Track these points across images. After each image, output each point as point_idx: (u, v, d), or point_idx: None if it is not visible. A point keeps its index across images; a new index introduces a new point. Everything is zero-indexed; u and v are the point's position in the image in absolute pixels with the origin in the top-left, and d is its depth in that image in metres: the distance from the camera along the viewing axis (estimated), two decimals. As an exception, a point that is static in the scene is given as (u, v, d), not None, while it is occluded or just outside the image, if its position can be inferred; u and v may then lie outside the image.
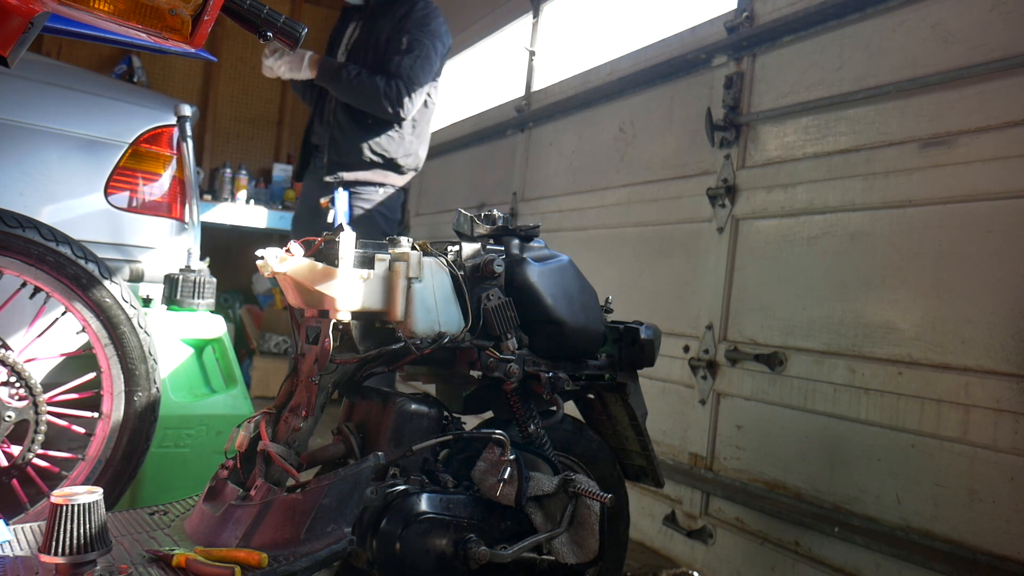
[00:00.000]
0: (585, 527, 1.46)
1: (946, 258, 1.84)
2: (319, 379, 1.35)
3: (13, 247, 1.67)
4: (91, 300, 1.76)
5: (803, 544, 2.10)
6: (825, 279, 2.13)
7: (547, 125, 3.60)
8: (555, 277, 1.58)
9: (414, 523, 1.33)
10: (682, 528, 2.49)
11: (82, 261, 1.75)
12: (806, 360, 2.15)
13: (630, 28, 3.24)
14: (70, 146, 2.23)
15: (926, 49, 1.94)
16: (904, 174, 1.94)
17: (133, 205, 2.35)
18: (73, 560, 1.12)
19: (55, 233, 1.73)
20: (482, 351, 1.46)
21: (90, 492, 1.15)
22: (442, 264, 1.46)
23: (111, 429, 1.79)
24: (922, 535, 1.81)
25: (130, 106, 2.38)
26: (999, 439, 1.68)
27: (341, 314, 1.34)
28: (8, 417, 1.65)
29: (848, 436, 2.01)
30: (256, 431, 1.39)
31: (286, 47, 1.22)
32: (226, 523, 1.29)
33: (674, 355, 2.58)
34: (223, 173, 5.32)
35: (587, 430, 1.76)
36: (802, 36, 2.29)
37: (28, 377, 1.66)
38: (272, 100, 5.76)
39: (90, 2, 1.00)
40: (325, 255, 1.34)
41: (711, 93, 2.59)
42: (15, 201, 2.08)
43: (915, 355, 1.87)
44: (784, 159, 2.31)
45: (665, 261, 2.74)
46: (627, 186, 2.96)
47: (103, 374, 1.80)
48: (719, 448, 2.43)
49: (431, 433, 1.42)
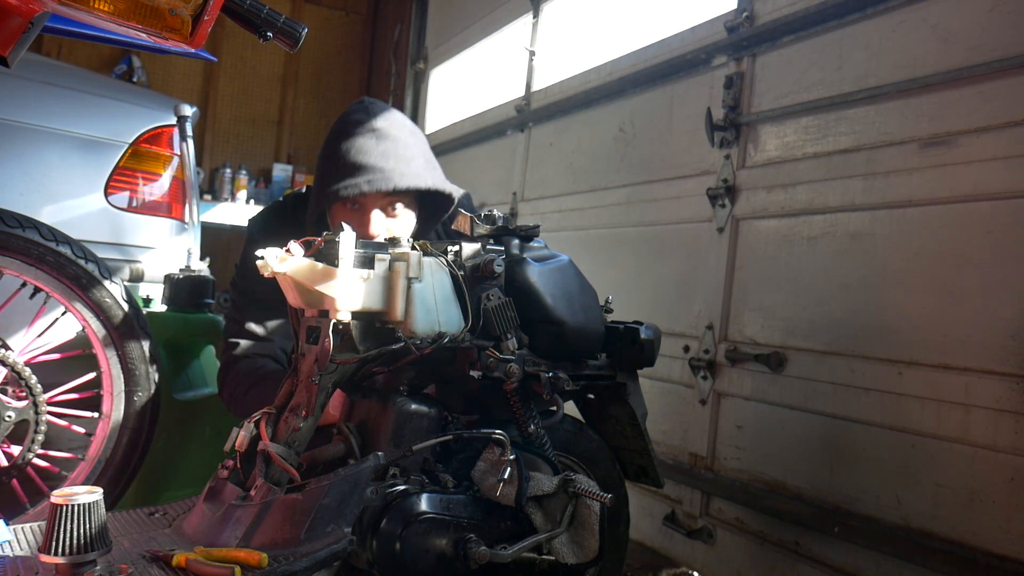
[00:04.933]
0: (585, 527, 1.46)
1: (946, 258, 1.84)
2: (319, 379, 1.35)
3: (13, 247, 1.67)
4: (91, 300, 1.76)
5: (803, 544, 2.10)
6: (825, 279, 2.13)
7: (547, 125, 3.60)
8: (555, 277, 1.58)
9: (414, 523, 1.33)
10: (682, 528, 2.49)
11: (82, 261, 1.75)
12: (806, 360, 2.15)
13: (630, 28, 3.24)
14: (70, 146, 2.23)
15: (926, 49, 1.94)
16: (904, 174, 1.94)
17: (133, 205, 2.35)
18: (73, 560, 1.12)
19: (55, 233, 1.73)
20: (482, 351, 1.46)
21: (90, 492, 1.15)
22: (442, 264, 1.46)
23: (111, 429, 1.80)
24: (922, 535, 1.81)
25: (130, 106, 2.38)
26: (999, 439, 1.68)
27: (341, 314, 1.34)
28: (8, 417, 1.65)
29: (848, 436, 2.01)
30: (256, 431, 1.39)
31: (286, 47, 1.22)
32: (226, 523, 1.29)
33: (674, 355, 2.58)
34: (223, 173, 5.33)
35: (587, 430, 1.76)
36: (802, 36, 2.29)
37: (28, 377, 1.66)
38: (272, 100, 5.76)
39: (90, 2, 1.00)
40: (325, 255, 1.34)
41: (711, 93, 2.59)
42: (15, 201, 2.08)
43: (915, 355, 1.87)
44: (784, 159, 2.31)
45: (665, 261, 2.74)
46: (627, 186, 2.96)
47: (103, 374, 1.80)
48: (719, 448, 2.43)
49: (431, 433, 1.42)
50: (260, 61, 5.66)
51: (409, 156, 1.71)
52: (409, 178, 1.68)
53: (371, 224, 1.70)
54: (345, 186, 1.65)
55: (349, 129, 1.73)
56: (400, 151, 1.70)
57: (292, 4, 5.71)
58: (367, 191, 1.65)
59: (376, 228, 1.71)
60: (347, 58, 5.98)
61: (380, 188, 1.65)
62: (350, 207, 1.73)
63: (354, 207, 1.72)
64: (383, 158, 1.68)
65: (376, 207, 1.72)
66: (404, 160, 1.70)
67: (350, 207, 1.73)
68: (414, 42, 5.33)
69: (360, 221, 1.70)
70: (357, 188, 1.64)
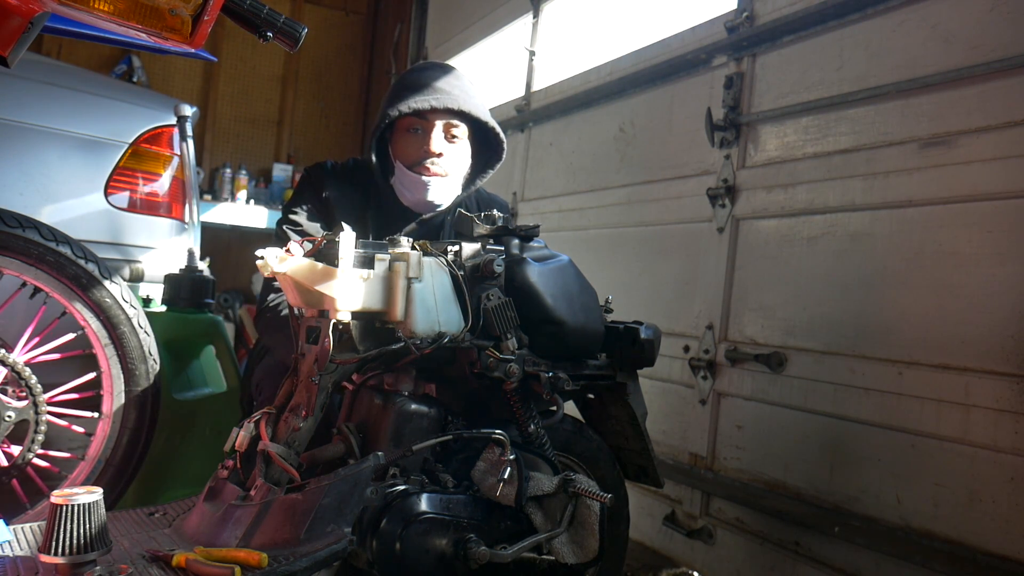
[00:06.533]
0: (585, 527, 1.46)
1: (946, 258, 1.84)
2: (319, 379, 1.35)
3: (13, 247, 1.67)
4: (91, 300, 1.76)
5: (803, 544, 2.10)
6: (825, 279, 2.13)
7: (547, 125, 3.60)
8: (555, 277, 1.58)
9: (414, 523, 1.33)
10: (682, 528, 2.49)
11: (82, 261, 1.75)
12: (806, 360, 2.15)
13: (630, 28, 3.24)
14: (70, 146, 2.22)
15: (926, 49, 1.94)
16: (904, 174, 1.94)
17: (133, 205, 2.35)
18: (73, 560, 1.12)
19: (55, 233, 1.73)
20: (482, 351, 1.46)
21: (90, 492, 1.15)
22: (442, 264, 1.46)
23: (111, 429, 1.79)
24: (922, 535, 1.81)
25: (130, 106, 2.38)
26: (999, 439, 1.68)
27: (341, 314, 1.34)
28: (8, 417, 1.64)
29: (848, 436, 2.01)
30: (256, 431, 1.39)
31: (286, 47, 1.22)
32: (226, 523, 1.29)
33: (674, 355, 2.58)
34: (223, 173, 5.32)
35: (587, 430, 1.76)
36: (802, 36, 2.29)
37: (28, 377, 1.66)
38: (272, 100, 5.75)
39: (90, 2, 1.00)
40: (325, 255, 1.34)
41: (711, 93, 2.59)
42: (15, 201, 2.08)
43: (915, 355, 1.87)
44: (784, 159, 2.31)
45: (665, 261, 2.74)
46: (627, 186, 2.96)
47: (103, 374, 1.80)
48: (719, 448, 2.43)
49: (431, 433, 1.42)
50: (260, 61, 5.65)
51: (472, 92, 1.86)
52: (472, 107, 1.82)
53: (432, 141, 1.81)
54: (413, 101, 1.77)
55: (420, 66, 1.92)
56: (465, 86, 1.86)
57: (292, 4, 5.71)
58: (436, 106, 1.77)
59: (437, 145, 1.81)
60: (347, 58, 5.97)
61: (447, 105, 1.78)
62: (411, 132, 1.83)
63: (415, 132, 1.83)
64: (449, 85, 1.82)
65: (439, 126, 1.82)
66: (468, 93, 1.84)
67: (411, 132, 1.83)
68: (414, 42, 5.33)
69: (421, 141, 1.81)
70: (426, 103, 1.77)
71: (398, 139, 1.86)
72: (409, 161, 1.83)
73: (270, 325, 1.81)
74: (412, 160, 1.82)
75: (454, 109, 1.79)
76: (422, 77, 1.84)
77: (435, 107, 1.77)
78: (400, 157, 1.85)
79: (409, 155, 1.83)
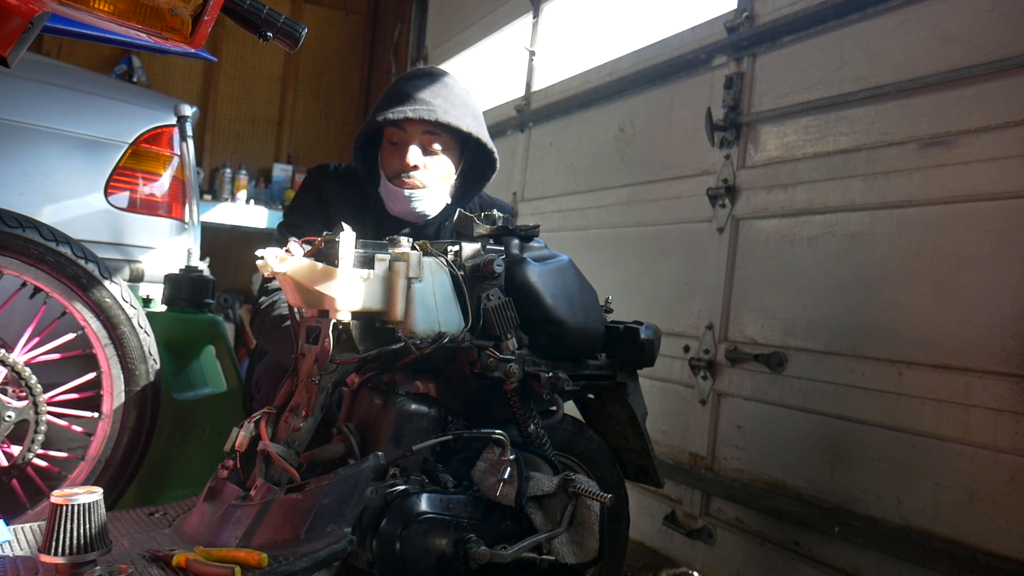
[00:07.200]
0: (585, 527, 1.46)
1: (946, 258, 1.84)
2: (319, 379, 1.35)
3: (13, 247, 1.67)
4: (91, 300, 1.76)
5: (803, 544, 2.10)
6: (825, 279, 2.13)
7: (547, 125, 3.60)
8: (555, 277, 1.58)
9: (414, 523, 1.33)
10: (682, 528, 2.49)
11: (82, 261, 1.75)
12: (806, 360, 2.15)
13: (630, 28, 3.24)
14: (70, 146, 2.22)
15: (926, 49, 1.94)
16: (904, 174, 1.94)
17: (133, 205, 2.35)
18: (73, 560, 1.12)
19: (55, 233, 1.73)
20: (482, 351, 1.46)
21: (90, 492, 1.15)
22: (442, 264, 1.46)
23: (111, 429, 1.79)
24: (922, 535, 1.81)
25: (130, 106, 2.38)
26: (999, 439, 1.68)
27: (341, 314, 1.34)
28: (8, 417, 1.64)
29: (848, 436, 2.01)
30: (256, 431, 1.39)
31: (286, 47, 1.22)
32: (226, 523, 1.29)
33: (674, 355, 2.58)
34: (223, 173, 5.32)
35: (587, 430, 1.76)
36: (802, 36, 2.29)
37: (28, 377, 1.66)
38: (272, 100, 5.76)
39: (90, 2, 1.00)
40: (325, 255, 1.34)
41: (711, 93, 2.59)
42: (15, 201, 2.08)
43: (915, 355, 1.87)
44: (784, 159, 2.31)
45: (665, 261, 2.74)
46: (627, 186, 2.96)
47: (103, 374, 1.80)
48: (719, 448, 2.43)
49: (431, 433, 1.42)
50: (260, 61, 5.65)
51: (458, 102, 1.81)
52: (452, 117, 1.77)
53: (409, 154, 1.78)
54: (391, 112, 1.75)
55: (409, 74, 1.89)
56: (450, 95, 1.81)
57: (292, 4, 5.71)
58: (412, 117, 1.74)
59: (413, 158, 1.79)
60: (347, 58, 5.97)
61: (423, 116, 1.74)
62: (391, 143, 1.82)
63: (395, 143, 1.82)
64: (432, 94, 1.79)
65: (417, 139, 1.80)
66: (452, 103, 1.80)
67: (391, 143, 1.82)
68: (414, 42, 5.33)
69: (400, 153, 1.80)
70: (402, 114, 1.74)
71: (383, 149, 1.85)
72: (389, 172, 1.83)
73: (264, 326, 1.81)
74: (392, 171, 1.82)
75: (431, 121, 1.75)
76: (407, 86, 1.80)
77: (411, 118, 1.75)
78: (383, 167, 1.85)
79: (390, 166, 1.83)
